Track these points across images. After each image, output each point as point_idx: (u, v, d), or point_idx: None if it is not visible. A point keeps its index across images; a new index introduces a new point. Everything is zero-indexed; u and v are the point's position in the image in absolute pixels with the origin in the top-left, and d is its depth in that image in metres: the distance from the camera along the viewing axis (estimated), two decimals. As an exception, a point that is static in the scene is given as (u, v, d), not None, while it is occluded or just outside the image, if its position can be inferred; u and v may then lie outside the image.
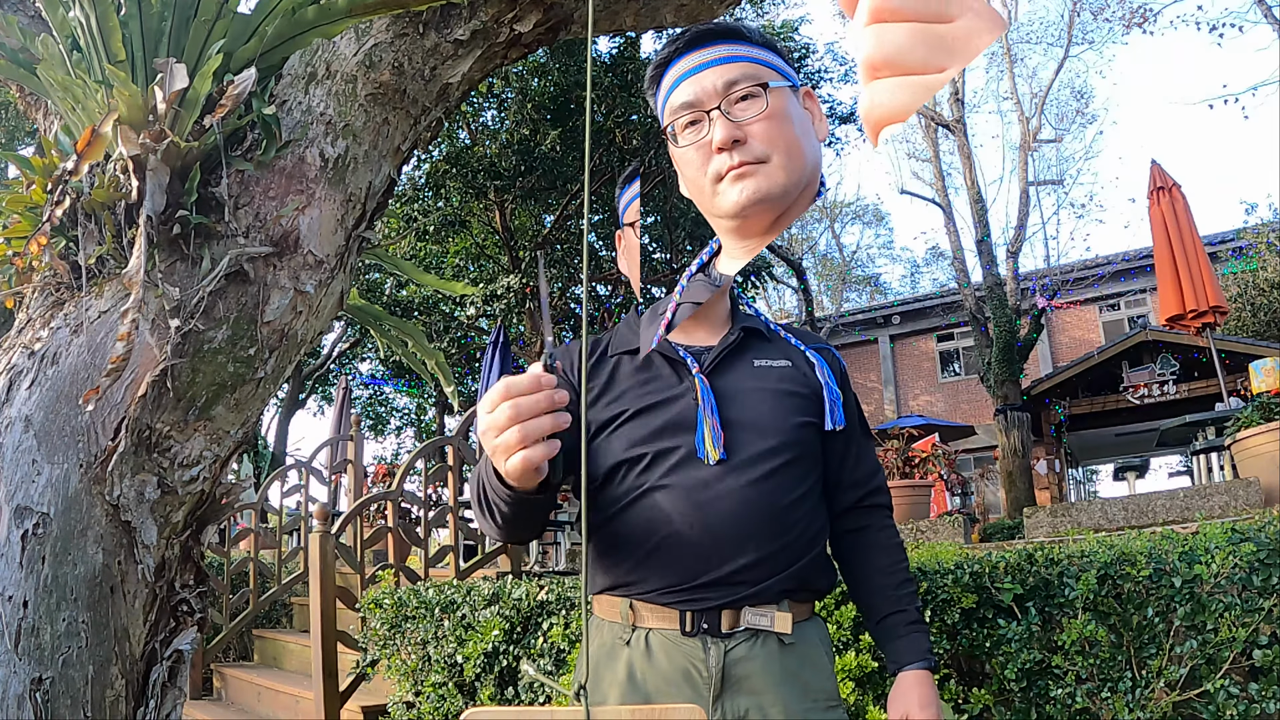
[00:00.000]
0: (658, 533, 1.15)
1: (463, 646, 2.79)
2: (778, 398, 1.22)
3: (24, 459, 1.37)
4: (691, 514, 1.14)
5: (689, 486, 1.15)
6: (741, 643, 1.14)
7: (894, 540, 1.33)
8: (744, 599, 1.14)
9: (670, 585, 1.15)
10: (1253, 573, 1.88)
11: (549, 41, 1.81)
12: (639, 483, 1.17)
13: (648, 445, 1.18)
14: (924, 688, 1.22)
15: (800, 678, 1.15)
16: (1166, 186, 7.49)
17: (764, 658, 1.14)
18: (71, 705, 1.32)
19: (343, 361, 20.91)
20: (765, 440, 1.18)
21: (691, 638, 1.14)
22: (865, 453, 1.34)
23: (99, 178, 1.47)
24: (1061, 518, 5.15)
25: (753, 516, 1.15)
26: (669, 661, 1.14)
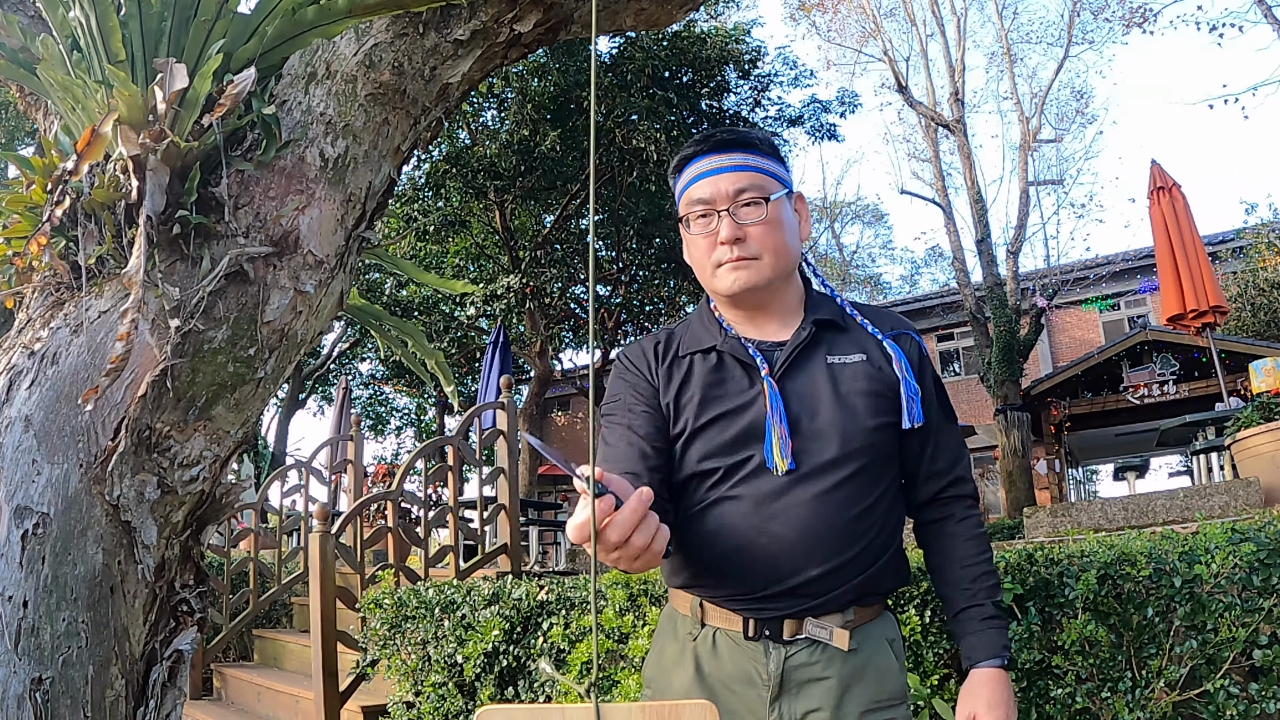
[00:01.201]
0: (726, 542, 1.20)
1: (463, 646, 2.79)
2: (851, 399, 1.23)
3: (24, 459, 1.37)
4: (759, 526, 1.18)
5: (758, 498, 1.19)
6: (802, 649, 1.19)
7: (975, 531, 1.30)
8: (807, 610, 1.18)
9: (736, 593, 1.20)
10: (1253, 573, 1.88)
11: (549, 41, 1.81)
12: (711, 493, 1.22)
13: (721, 458, 1.23)
14: (994, 687, 1.21)
15: (860, 683, 1.18)
16: (1166, 186, 7.48)
17: (823, 663, 1.18)
18: (71, 705, 1.32)
19: (343, 361, 20.92)
20: (835, 448, 1.20)
21: (754, 641, 1.20)
22: (946, 442, 1.32)
23: (99, 178, 1.48)
24: (1061, 518, 5.15)
25: (819, 530, 1.18)
26: (732, 661, 1.20)
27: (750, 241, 1.24)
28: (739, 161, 1.27)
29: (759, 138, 1.29)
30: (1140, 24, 13.79)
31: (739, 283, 1.24)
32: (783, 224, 1.26)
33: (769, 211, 1.25)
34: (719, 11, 14.20)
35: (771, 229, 1.25)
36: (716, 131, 1.30)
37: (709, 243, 1.26)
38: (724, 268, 1.25)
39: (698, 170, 1.28)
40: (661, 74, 11.61)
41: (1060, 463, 14.53)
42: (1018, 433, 12.13)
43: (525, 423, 13.88)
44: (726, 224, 1.24)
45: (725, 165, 1.26)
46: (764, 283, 1.25)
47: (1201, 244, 7.26)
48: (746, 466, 1.21)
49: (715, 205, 1.25)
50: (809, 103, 13.83)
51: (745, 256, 1.24)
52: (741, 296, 1.26)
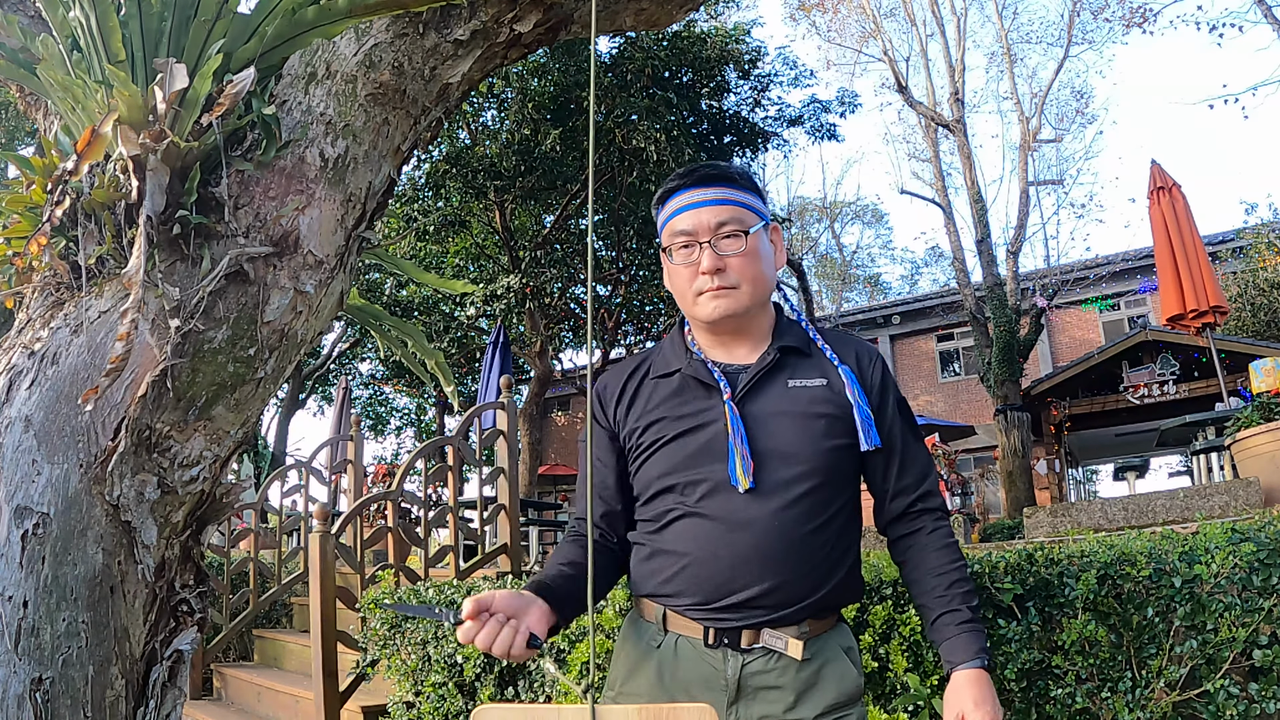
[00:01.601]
0: (688, 555, 1.27)
1: (463, 646, 2.79)
2: (808, 421, 1.30)
3: (24, 459, 1.37)
4: (718, 541, 1.26)
5: (718, 515, 1.27)
6: (758, 658, 1.25)
7: (946, 541, 1.35)
8: (764, 621, 1.25)
9: (696, 603, 1.27)
10: (1253, 573, 1.88)
11: (549, 41, 1.81)
12: (673, 507, 1.30)
13: (681, 473, 1.30)
14: (977, 686, 1.26)
15: (814, 689, 1.25)
16: (1166, 186, 7.49)
17: (778, 671, 1.25)
18: (71, 705, 1.32)
19: (343, 361, 20.91)
20: (792, 467, 1.27)
21: (713, 649, 1.27)
22: (911, 458, 1.37)
23: (99, 178, 1.48)
24: (1061, 518, 5.15)
25: (776, 545, 1.25)
26: (693, 667, 1.27)
27: (730, 272, 1.32)
28: (720, 195, 1.34)
29: (738, 172, 1.37)
30: (1140, 24, 13.80)
31: (719, 310, 1.32)
32: (760, 255, 1.34)
33: (748, 243, 1.33)
34: (719, 11, 14.20)
35: (750, 260, 1.33)
36: (699, 166, 1.37)
37: (691, 272, 1.34)
38: (705, 296, 1.33)
39: (681, 203, 1.35)
40: (661, 74, 11.61)
41: (1060, 463, 14.53)
42: (1018, 433, 12.13)
43: (525, 422, 13.88)
44: (708, 255, 1.31)
45: (707, 199, 1.34)
46: (742, 310, 1.33)
47: (1201, 244, 7.26)
48: (707, 483, 1.28)
49: (697, 237, 1.33)
50: (809, 103, 13.84)
51: (725, 286, 1.31)
52: (720, 323, 1.34)
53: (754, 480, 1.25)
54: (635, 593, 1.37)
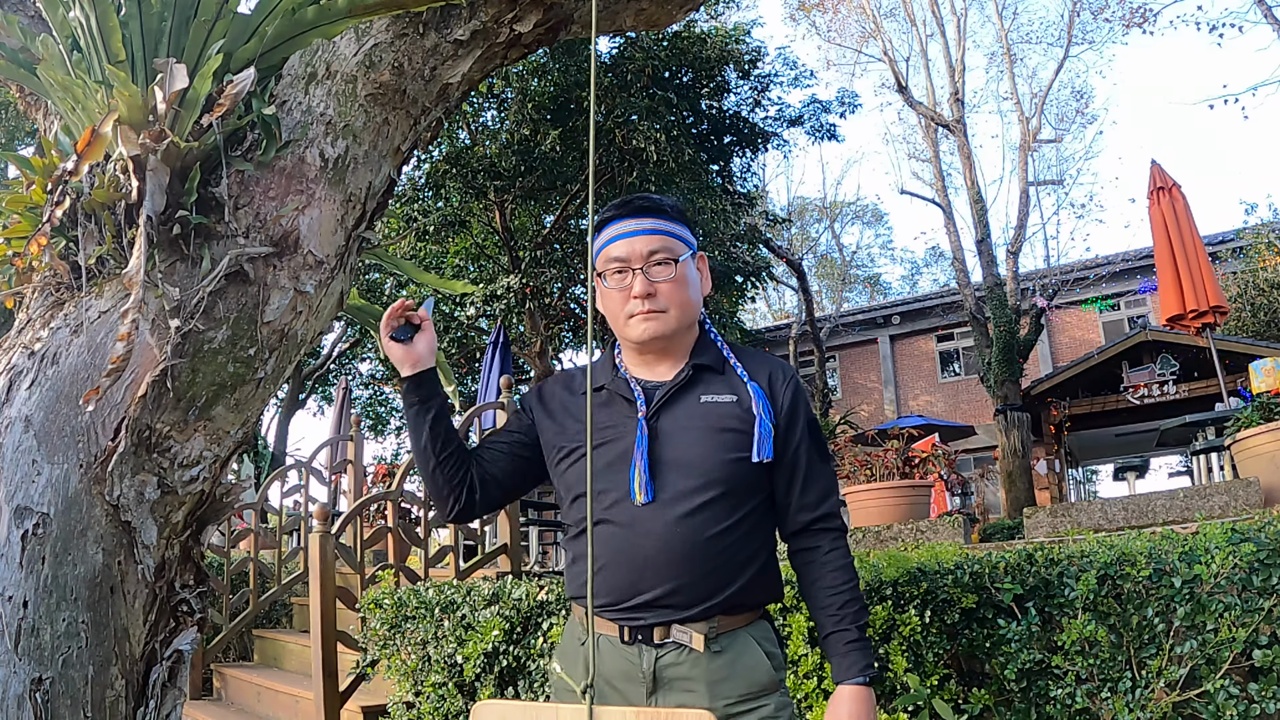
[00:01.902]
0: (599, 559, 1.37)
1: (463, 646, 2.79)
2: (714, 435, 1.39)
3: (24, 459, 1.37)
4: (624, 546, 1.36)
5: (624, 522, 1.36)
6: (670, 650, 1.35)
7: (842, 561, 1.42)
8: (672, 620, 1.34)
9: (610, 603, 1.37)
10: (1253, 573, 1.88)
11: (549, 41, 1.81)
12: (586, 511, 1.36)
13: (597, 480, 1.38)
14: (856, 703, 1.34)
15: (727, 677, 1.34)
16: (1166, 186, 7.48)
17: (690, 663, 1.34)
18: (71, 705, 1.33)
19: (343, 361, 20.91)
20: (694, 478, 1.36)
21: (629, 645, 1.37)
22: (815, 477, 1.45)
23: (99, 178, 1.48)
24: (1061, 518, 5.15)
25: (678, 548, 1.34)
26: (614, 662, 1.38)
27: (660, 296, 1.42)
28: (651, 226, 1.44)
29: (670, 205, 1.48)
30: (1140, 24, 13.79)
31: (648, 332, 1.42)
32: (688, 281, 1.45)
33: (677, 270, 1.43)
34: (719, 11, 14.20)
35: (678, 286, 1.43)
36: (633, 198, 1.48)
37: (623, 296, 1.44)
38: (636, 318, 1.42)
39: (616, 231, 1.46)
40: (661, 74, 11.60)
41: (1060, 463, 14.53)
42: (1018, 433, 12.13)
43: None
44: (640, 280, 1.42)
45: (640, 229, 1.44)
46: (670, 332, 1.43)
47: (1201, 244, 7.25)
48: (615, 492, 1.37)
49: (630, 263, 1.43)
50: (809, 103, 13.84)
51: (655, 310, 1.42)
52: (649, 343, 1.44)
53: (654, 492, 1.35)
54: (566, 595, 1.49)
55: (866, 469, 6.60)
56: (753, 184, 15.02)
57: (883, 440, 7.06)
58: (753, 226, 14.52)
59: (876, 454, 6.73)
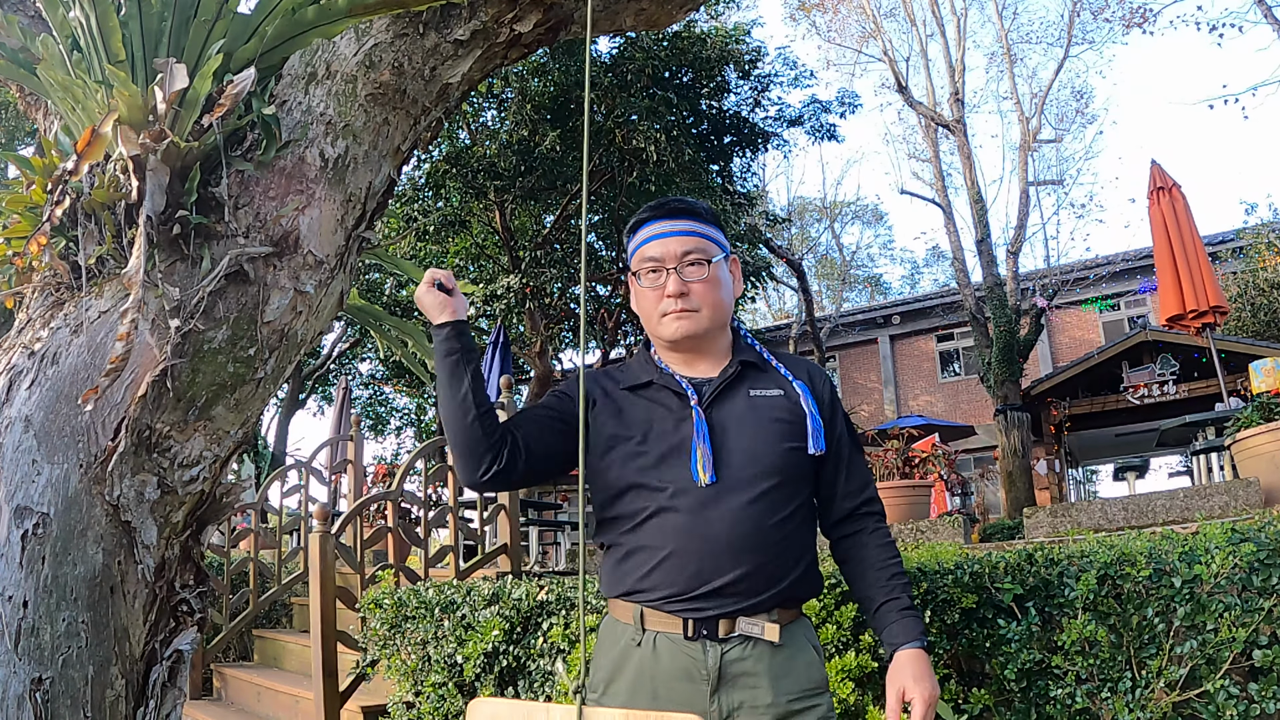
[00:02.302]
0: (664, 548, 1.36)
1: (463, 646, 2.79)
2: (768, 425, 1.42)
3: (24, 459, 1.37)
4: (693, 531, 1.35)
5: (691, 508, 1.36)
6: (735, 645, 1.34)
7: (887, 540, 1.49)
8: (739, 609, 1.34)
9: (674, 595, 1.35)
10: (1253, 573, 1.88)
11: (549, 41, 1.81)
12: (647, 504, 1.39)
13: (653, 473, 1.40)
14: (918, 664, 1.37)
15: (789, 673, 1.35)
16: (1166, 186, 7.48)
17: (755, 658, 1.33)
18: (71, 705, 1.33)
19: (343, 361, 20.91)
20: (756, 465, 1.38)
21: (692, 641, 1.34)
22: (856, 467, 1.51)
23: (99, 178, 1.48)
24: (1061, 518, 5.15)
25: (745, 533, 1.35)
26: (672, 661, 1.34)
27: (693, 296, 1.45)
28: (685, 227, 1.48)
29: (704, 208, 1.52)
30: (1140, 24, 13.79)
31: (681, 330, 1.45)
32: (720, 282, 1.48)
33: (710, 271, 1.46)
34: (719, 11, 14.20)
35: (711, 287, 1.46)
36: (669, 200, 1.52)
37: (657, 295, 1.47)
38: (669, 317, 1.46)
39: (651, 232, 1.49)
40: (661, 74, 11.60)
41: (1060, 463, 14.52)
42: (1018, 433, 12.12)
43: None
44: (673, 280, 1.45)
45: (675, 230, 1.48)
46: (702, 331, 1.46)
47: (1201, 244, 7.25)
48: (678, 481, 1.37)
49: (665, 263, 1.46)
50: (809, 103, 13.83)
51: (688, 309, 1.45)
52: (681, 342, 1.47)
53: (719, 475, 1.36)
54: (609, 594, 1.45)
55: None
56: (753, 184, 15.02)
57: (883, 440, 7.06)
58: (753, 226, 14.53)
59: (876, 454, 6.73)
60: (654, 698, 1.33)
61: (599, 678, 1.42)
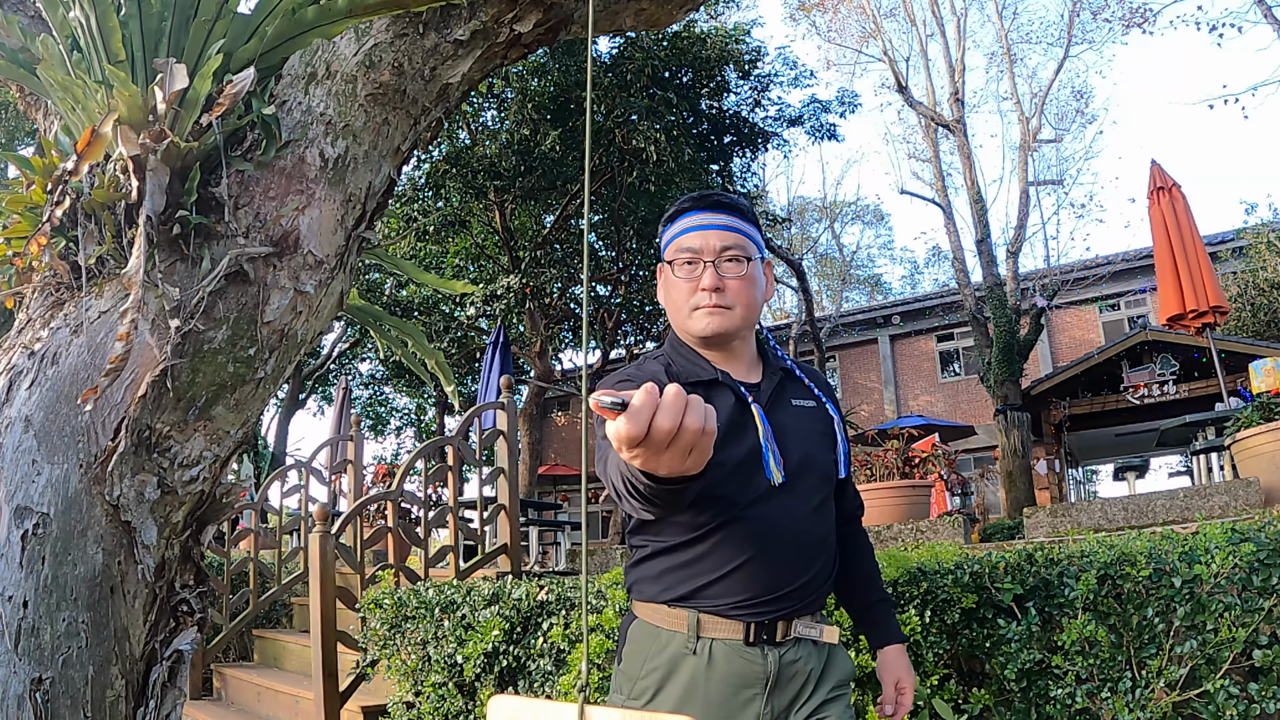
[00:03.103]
0: (738, 556, 1.34)
1: (463, 646, 2.79)
2: (814, 436, 1.45)
3: (24, 459, 1.37)
4: (768, 538, 1.35)
5: (762, 515, 1.35)
6: (790, 648, 1.36)
7: (869, 546, 1.63)
8: (796, 611, 1.37)
9: (744, 600, 1.34)
10: (1253, 573, 1.88)
11: (549, 41, 1.81)
12: (717, 510, 1.35)
13: (730, 480, 1.34)
14: (905, 658, 1.53)
15: (828, 671, 1.39)
16: (1166, 186, 7.48)
17: (805, 659, 1.37)
18: (71, 705, 1.33)
19: (343, 361, 20.91)
20: (813, 473, 1.41)
21: (752, 646, 1.34)
22: (852, 485, 1.59)
23: (99, 178, 1.48)
24: (1061, 518, 5.15)
25: (812, 539, 1.39)
26: (729, 666, 1.33)
27: (728, 293, 1.41)
28: (727, 222, 1.44)
29: (745, 206, 1.48)
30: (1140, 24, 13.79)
31: (712, 326, 1.41)
32: (756, 282, 1.45)
33: (748, 270, 1.43)
34: (719, 11, 14.21)
35: (747, 285, 1.43)
36: (713, 192, 1.48)
37: (691, 287, 1.43)
38: (701, 311, 1.42)
39: (691, 223, 1.45)
40: (661, 74, 11.60)
41: (1060, 463, 14.53)
42: (1018, 433, 12.12)
43: (525, 422, 13.87)
44: (709, 273, 1.41)
45: (716, 223, 1.44)
46: (733, 330, 1.42)
47: (1202, 244, 7.25)
48: (751, 489, 1.35)
49: (702, 256, 1.42)
50: (809, 103, 13.83)
51: (721, 305, 1.41)
52: (711, 339, 1.43)
53: (787, 479, 1.35)
54: (651, 599, 1.39)
55: (866, 469, 6.59)
56: (753, 184, 15.02)
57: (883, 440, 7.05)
58: (753, 226, 14.49)
59: (876, 454, 6.73)
60: (706, 704, 1.31)
61: (644, 685, 1.37)
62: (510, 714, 1.12)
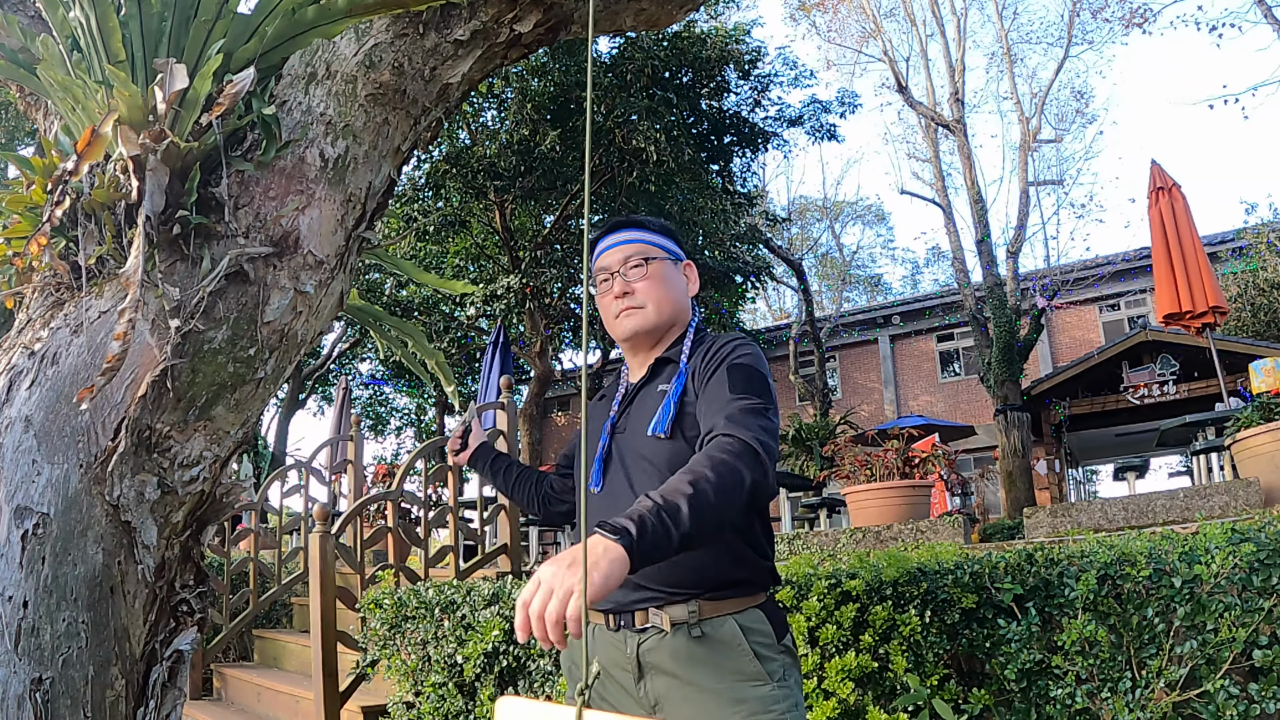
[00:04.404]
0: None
1: (463, 646, 2.79)
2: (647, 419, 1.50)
3: (24, 459, 1.37)
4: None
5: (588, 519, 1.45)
6: (651, 636, 1.38)
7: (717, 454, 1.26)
8: (648, 600, 1.38)
9: None
10: (1253, 573, 1.88)
11: (549, 41, 1.81)
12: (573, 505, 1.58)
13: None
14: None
15: (713, 662, 1.35)
16: (1166, 186, 7.48)
17: (672, 648, 1.36)
18: (71, 705, 1.32)
19: (343, 361, 20.92)
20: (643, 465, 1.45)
21: (615, 632, 1.42)
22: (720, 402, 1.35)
23: (99, 178, 1.47)
24: (1061, 518, 5.15)
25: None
26: (605, 651, 1.43)
27: (637, 294, 1.55)
28: (627, 237, 1.60)
29: (649, 221, 1.63)
30: (1140, 24, 13.79)
31: (630, 327, 1.55)
32: (664, 279, 1.57)
33: (649, 269, 1.56)
34: (719, 11, 14.21)
35: (653, 283, 1.56)
36: (616, 218, 1.66)
37: (608, 300, 1.58)
38: (620, 317, 1.56)
39: (601, 247, 1.62)
40: (661, 74, 11.61)
41: (1060, 463, 14.53)
42: (1018, 433, 12.12)
43: (525, 422, 13.88)
44: (618, 282, 1.57)
45: (618, 241, 1.60)
46: (650, 326, 1.55)
47: (1200, 245, 7.25)
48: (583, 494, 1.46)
49: (610, 269, 1.58)
50: (809, 103, 13.84)
51: (633, 306, 1.55)
52: (633, 339, 1.57)
53: (604, 483, 1.49)
54: None
55: (866, 469, 6.60)
56: (753, 184, 15.03)
57: (883, 440, 7.05)
58: (753, 226, 14.53)
59: (876, 454, 6.73)
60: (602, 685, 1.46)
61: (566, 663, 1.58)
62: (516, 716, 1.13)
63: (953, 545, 3.27)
